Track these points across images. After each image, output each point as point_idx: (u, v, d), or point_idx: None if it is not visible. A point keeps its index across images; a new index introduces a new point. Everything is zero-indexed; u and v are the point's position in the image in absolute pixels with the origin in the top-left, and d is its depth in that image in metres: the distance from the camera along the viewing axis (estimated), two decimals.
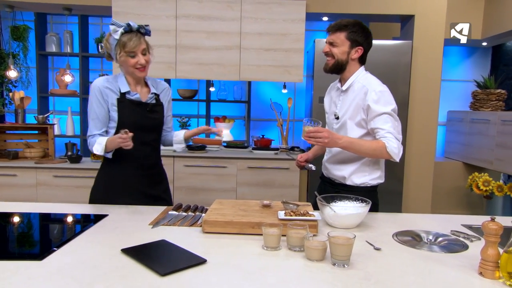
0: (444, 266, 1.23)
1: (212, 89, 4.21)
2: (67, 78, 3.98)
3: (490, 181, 3.86)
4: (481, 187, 3.87)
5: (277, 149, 3.68)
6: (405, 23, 3.81)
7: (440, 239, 1.47)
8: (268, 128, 4.42)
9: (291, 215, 1.51)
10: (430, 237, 1.49)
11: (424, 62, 3.61)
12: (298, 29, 3.51)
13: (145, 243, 1.34)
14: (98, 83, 1.89)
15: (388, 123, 1.80)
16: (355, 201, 1.68)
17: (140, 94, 1.93)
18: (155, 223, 1.57)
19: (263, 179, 3.53)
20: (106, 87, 1.87)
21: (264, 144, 3.86)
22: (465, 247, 1.39)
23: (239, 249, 1.34)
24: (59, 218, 1.71)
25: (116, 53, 1.82)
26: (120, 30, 1.79)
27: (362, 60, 1.93)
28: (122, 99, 1.89)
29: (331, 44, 1.88)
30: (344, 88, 1.93)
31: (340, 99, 1.96)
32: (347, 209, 1.58)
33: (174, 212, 1.71)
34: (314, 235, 1.31)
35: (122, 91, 1.89)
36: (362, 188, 1.92)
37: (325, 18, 3.83)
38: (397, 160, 1.80)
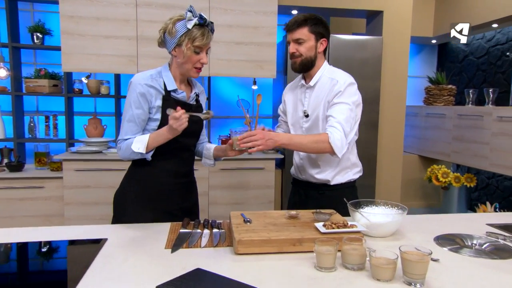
0: None
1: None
2: (2, 73, 3.41)
3: (448, 173, 4.04)
4: (441, 179, 4.04)
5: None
6: (372, 18, 3.83)
7: (485, 243, 1.41)
8: (227, 126, 4.18)
9: (332, 228, 1.35)
10: (474, 242, 1.42)
11: (393, 57, 3.66)
12: (270, 22, 3.34)
13: (180, 276, 1.09)
14: (140, 81, 1.61)
15: (343, 114, 1.69)
16: (383, 206, 1.58)
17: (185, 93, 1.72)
18: (173, 247, 1.32)
19: (236, 180, 3.33)
20: (151, 86, 1.62)
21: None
22: None
23: (291, 272, 1.16)
24: (49, 248, 1.37)
25: (182, 44, 1.56)
26: (195, 20, 1.54)
27: (325, 53, 1.87)
28: (167, 98, 1.64)
29: (296, 41, 1.78)
30: (312, 83, 1.83)
31: (307, 95, 1.86)
32: (383, 217, 1.46)
33: (186, 230, 1.46)
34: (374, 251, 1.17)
35: (169, 88, 1.64)
36: (347, 184, 1.87)
37: (294, 12, 3.71)
38: (339, 155, 1.67)
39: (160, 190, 1.68)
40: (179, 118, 1.48)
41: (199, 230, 1.47)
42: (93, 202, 3.15)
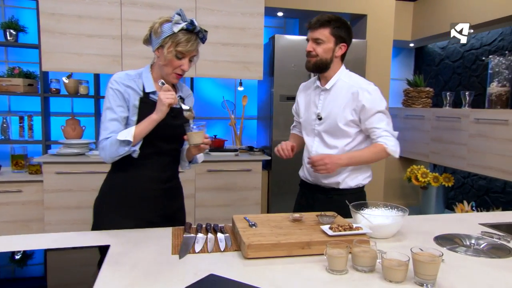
0: None
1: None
2: None
3: (427, 173, 4.17)
4: (420, 179, 4.16)
5: (236, 150, 3.48)
6: (355, 22, 3.90)
7: (483, 243, 1.46)
8: (210, 127, 4.14)
9: (339, 230, 1.36)
10: (472, 241, 1.47)
11: (376, 60, 3.74)
12: (257, 23, 3.34)
13: (196, 282, 1.08)
14: (117, 79, 1.57)
15: (383, 121, 1.78)
16: (383, 207, 1.60)
17: None
18: (180, 252, 1.30)
19: (223, 182, 3.31)
20: (128, 86, 1.57)
21: (217, 145, 3.62)
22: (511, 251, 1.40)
23: (304, 275, 1.16)
24: (53, 257, 1.31)
25: (165, 46, 1.51)
26: (183, 24, 1.49)
27: (343, 58, 1.87)
28: (145, 100, 1.58)
29: (315, 41, 1.78)
30: (328, 86, 1.84)
31: (321, 98, 1.87)
32: (385, 218, 1.49)
33: (190, 235, 1.44)
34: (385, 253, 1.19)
35: (147, 90, 1.59)
36: (356, 189, 1.88)
37: (279, 14, 3.72)
38: (397, 156, 1.79)
39: (140, 197, 1.62)
40: (167, 91, 1.48)
41: (202, 235, 1.45)
42: (75, 206, 3.05)
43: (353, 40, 3.51)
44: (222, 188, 3.30)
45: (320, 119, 1.85)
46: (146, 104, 1.57)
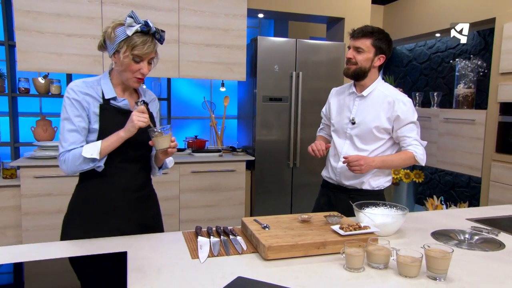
0: None
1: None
2: None
3: (399, 170, 4.37)
4: (393, 175, 4.36)
5: (219, 150, 3.50)
6: (332, 24, 4.01)
7: (476, 237, 1.58)
8: (188, 127, 4.14)
9: (350, 230, 1.43)
10: (466, 236, 1.60)
11: None
12: (239, 25, 3.37)
13: (227, 285, 1.11)
14: (74, 88, 1.51)
15: (414, 131, 1.91)
16: (383, 206, 1.70)
17: (128, 101, 1.59)
18: (201, 256, 1.32)
19: (208, 183, 3.32)
20: (86, 94, 1.51)
21: (199, 146, 3.63)
22: (502, 244, 1.52)
23: (325, 274, 1.22)
24: (77, 265, 1.29)
25: (121, 50, 1.46)
26: (137, 27, 1.45)
27: (380, 68, 1.96)
28: (106, 106, 1.53)
29: (356, 49, 1.87)
30: (364, 94, 1.93)
31: (356, 104, 1.96)
32: (387, 217, 1.58)
33: (204, 238, 1.46)
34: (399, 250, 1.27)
35: (107, 96, 1.54)
36: (377, 191, 1.97)
37: (260, 15, 3.76)
38: (423, 164, 1.93)
39: (112, 209, 1.56)
40: (141, 113, 1.45)
41: (216, 238, 1.48)
42: (55, 211, 2.95)
43: (331, 42, 3.66)
44: (206, 189, 3.31)
45: (353, 123, 1.94)
46: (107, 111, 1.53)
